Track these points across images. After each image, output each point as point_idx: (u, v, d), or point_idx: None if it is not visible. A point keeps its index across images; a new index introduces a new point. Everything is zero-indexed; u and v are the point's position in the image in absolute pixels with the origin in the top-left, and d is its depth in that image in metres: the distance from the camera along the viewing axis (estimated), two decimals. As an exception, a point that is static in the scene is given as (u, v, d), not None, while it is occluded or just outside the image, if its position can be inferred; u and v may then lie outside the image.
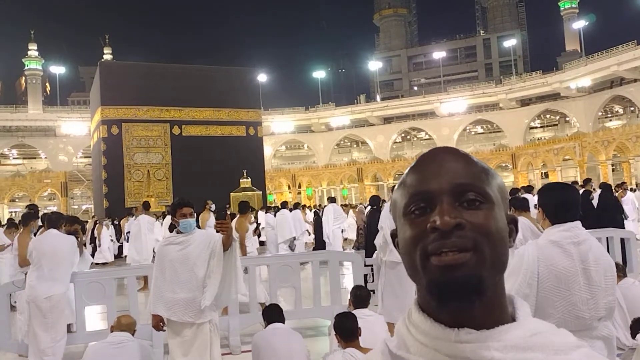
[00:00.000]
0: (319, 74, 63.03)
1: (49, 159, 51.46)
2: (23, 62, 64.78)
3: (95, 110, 30.57)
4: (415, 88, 75.95)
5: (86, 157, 49.53)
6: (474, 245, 0.70)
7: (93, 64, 37.55)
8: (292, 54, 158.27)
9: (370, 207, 9.28)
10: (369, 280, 7.42)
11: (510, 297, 0.78)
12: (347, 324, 3.55)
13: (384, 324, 4.28)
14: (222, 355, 4.68)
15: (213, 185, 22.69)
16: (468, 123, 54.50)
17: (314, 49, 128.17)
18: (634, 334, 4.05)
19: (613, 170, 41.41)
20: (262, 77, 47.68)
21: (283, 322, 4.25)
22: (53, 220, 5.72)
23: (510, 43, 62.54)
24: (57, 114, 51.99)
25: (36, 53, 64.46)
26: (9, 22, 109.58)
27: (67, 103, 72.32)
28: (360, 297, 4.34)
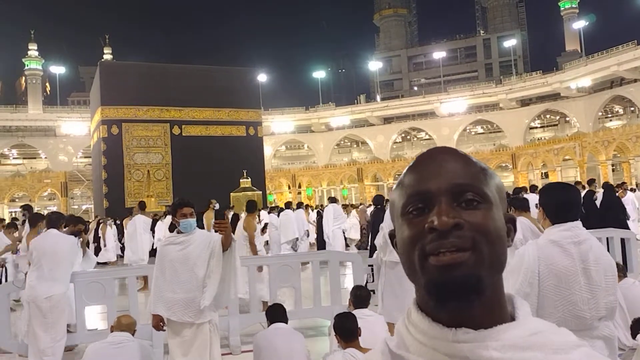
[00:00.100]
0: (319, 74, 63.02)
1: (49, 159, 51.46)
2: (23, 62, 64.82)
3: (95, 110, 30.58)
4: (415, 88, 75.96)
5: (86, 157, 49.53)
6: (472, 244, 0.70)
7: (93, 64, 37.57)
8: (292, 54, 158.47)
9: (374, 207, 9.29)
10: (369, 280, 7.42)
11: (509, 297, 0.78)
12: (347, 324, 3.54)
13: (384, 324, 4.28)
14: (222, 355, 4.68)
15: (213, 185, 22.67)
16: (468, 123, 54.50)
17: (314, 49, 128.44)
18: (634, 334, 4.05)
19: (613, 170, 41.40)
20: (262, 77, 47.71)
21: (286, 323, 4.25)
22: (53, 220, 5.72)
23: (510, 43, 62.54)
24: (57, 114, 51.99)
25: (36, 53, 64.48)
26: (9, 22, 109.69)
27: (67, 103, 72.32)
28: (360, 297, 4.34)
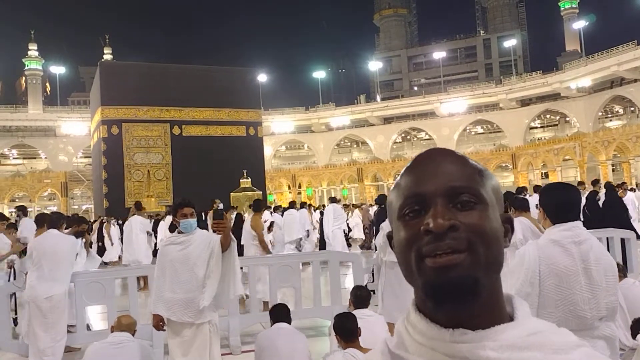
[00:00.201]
0: (319, 74, 63.02)
1: (49, 159, 51.48)
2: (23, 62, 64.85)
3: (95, 110, 30.58)
4: (415, 88, 75.97)
5: (86, 157, 49.56)
6: (468, 245, 0.70)
7: (93, 64, 37.59)
8: (292, 54, 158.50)
9: (377, 206, 9.29)
10: (370, 280, 7.42)
11: (508, 297, 0.78)
12: (347, 324, 3.54)
13: (384, 324, 4.27)
14: (222, 355, 4.68)
15: (213, 185, 22.69)
16: (468, 123, 54.51)
17: (314, 49, 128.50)
18: (634, 334, 4.05)
19: (613, 170, 41.40)
20: (262, 77, 47.72)
21: (289, 323, 4.25)
22: (53, 220, 5.72)
23: (510, 43, 62.55)
24: (57, 114, 52.02)
25: (36, 53, 64.51)
26: (9, 22, 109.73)
27: (67, 103, 72.34)
28: (360, 298, 4.34)
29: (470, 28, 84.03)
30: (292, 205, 14.07)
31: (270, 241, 12.04)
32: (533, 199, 9.23)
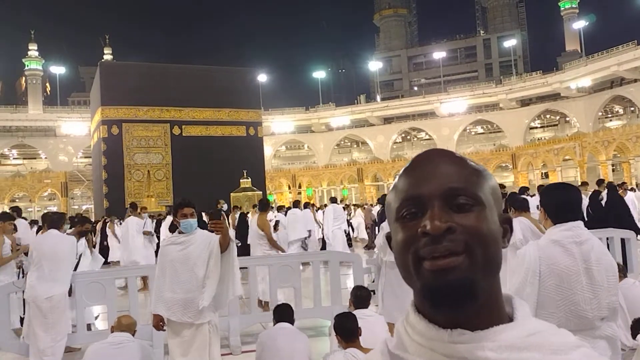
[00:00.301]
0: (319, 74, 63.01)
1: (49, 159, 51.48)
2: (23, 62, 64.87)
3: (95, 110, 30.58)
4: (415, 88, 75.97)
5: (86, 157, 49.55)
6: (465, 248, 0.71)
7: (93, 64, 37.60)
8: (292, 54, 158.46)
9: (380, 206, 9.31)
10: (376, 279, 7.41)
11: (508, 297, 0.78)
12: (347, 324, 3.55)
13: (385, 324, 4.28)
14: (222, 355, 4.68)
15: (213, 185, 22.68)
16: (468, 123, 54.50)
17: (314, 49, 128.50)
18: (635, 335, 4.05)
19: (613, 170, 41.38)
20: (262, 77, 47.70)
21: (292, 324, 4.25)
22: (54, 220, 5.72)
23: (510, 43, 62.54)
24: (57, 114, 52.02)
25: (36, 53, 64.51)
26: (9, 22, 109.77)
27: (67, 103, 72.33)
28: (360, 298, 4.34)
29: (470, 28, 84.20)
30: (296, 204, 14.07)
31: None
32: (536, 199, 9.23)
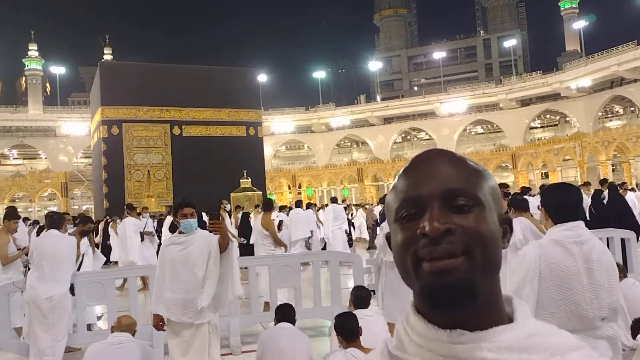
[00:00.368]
0: (319, 74, 63.00)
1: (49, 159, 51.49)
2: (23, 63, 64.86)
3: (95, 110, 30.58)
4: (415, 88, 75.96)
5: (86, 158, 49.56)
6: (465, 249, 0.70)
7: (93, 64, 37.60)
8: (292, 54, 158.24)
9: (382, 206, 9.30)
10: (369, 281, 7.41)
11: (508, 298, 0.78)
12: (348, 324, 3.55)
13: (385, 325, 4.28)
14: (222, 355, 4.68)
15: (213, 185, 22.69)
16: (468, 123, 54.50)
17: (314, 49, 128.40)
18: (635, 335, 4.05)
19: (613, 170, 41.37)
20: (262, 77, 47.71)
21: (293, 324, 4.25)
22: (54, 220, 5.72)
23: (510, 43, 62.54)
24: (57, 114, 52.03)
25: (36, 53, 64.51)
26: (9, 23, 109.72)
27: (68, 103, 72.34)
28: (360, 298, 4.34)
29: (470, 28, 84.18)
30: (299, 204, 14.09)
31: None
32: (537, 200, 9.21)
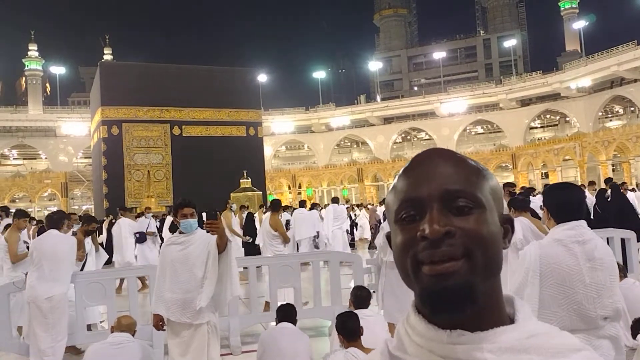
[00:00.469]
0: (319, 74, 62.98)
1: (49, 160, 51.48)
2: (23, 63, 64.83)
3: (95, 110, 30.57)
4: (415, 88, 75.95)
5: (86, 158, 49.54)
6: (465, 252, 0.70)
7: (93, 65, 37.60)
8: (292, 54, 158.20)
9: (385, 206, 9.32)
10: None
11: (509, 299, 0.78)
12: (349, 324, 3.55)
13: (385, 325, 4.28)
14: (222, 355, 4.68)
15: (213, 185, 22.69)
16: (468, 123, 54.49)
17: (314, 49, 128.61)
18: (635, 335, 4.05)
19: (613, 170, 41.34)
20: (262, 78, 47.70)
21: (294, 324, 4.25)
22: (54, 220, 5.71)
23: (510, 43, 62.52)
24: (58, 115, 52.02)
25: (36, 53, 64.48)
26: (9, 23, 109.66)
27: (68, 103, 72.33)
28: (360, 298, 4.34)
29: (470, 28, 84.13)
30: (302, 204, 14.11)
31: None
32: (539, 199, 9.23)
